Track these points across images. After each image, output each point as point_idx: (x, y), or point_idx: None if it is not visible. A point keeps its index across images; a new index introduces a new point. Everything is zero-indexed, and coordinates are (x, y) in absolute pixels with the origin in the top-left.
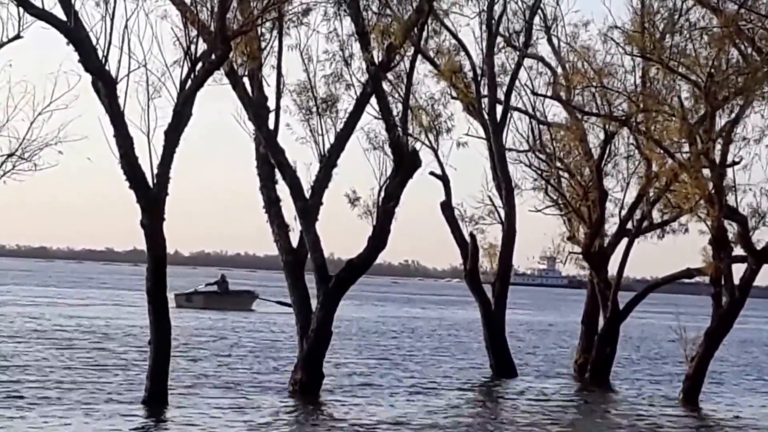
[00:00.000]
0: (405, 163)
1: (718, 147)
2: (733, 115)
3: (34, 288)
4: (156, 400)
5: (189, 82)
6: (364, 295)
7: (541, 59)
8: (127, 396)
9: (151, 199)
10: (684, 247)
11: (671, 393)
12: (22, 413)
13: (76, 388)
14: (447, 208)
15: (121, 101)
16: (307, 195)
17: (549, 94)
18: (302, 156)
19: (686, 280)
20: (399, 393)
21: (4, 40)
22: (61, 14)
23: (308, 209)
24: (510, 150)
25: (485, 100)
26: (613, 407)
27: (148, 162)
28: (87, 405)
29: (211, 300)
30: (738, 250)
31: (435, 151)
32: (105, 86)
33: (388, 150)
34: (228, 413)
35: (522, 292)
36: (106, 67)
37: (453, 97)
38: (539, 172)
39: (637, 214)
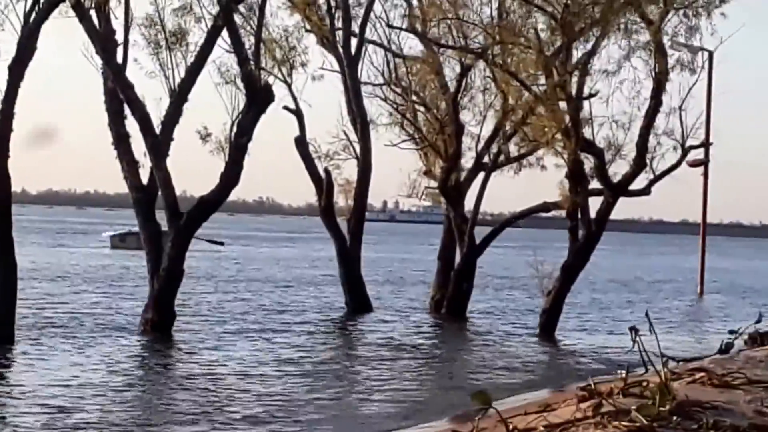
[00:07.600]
0: (258, 98)
1: (575, 79)
2: (589, 47)
3: None
4: (1, 342)
5: (33, 14)
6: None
7: None
8: None
9: None
10: (541, 181)
11: (528, 327)
12: None
13: None
14: (301, 143)
15: None
16: (158, 130)
17: (404, 26)
18: (152, 91)
19: (543, 215)
20: (251, 331)
21: None
22: None
23: (158, 145)
24: (365, 84)
25: (340, 33)
26: (469, 339)
27: None
28: None
29: None
30: (594, 184)
31: (289, 86)
32: None
33: (241, 84)
34: (74, 353)
35: (403, 229)
36: None
37: (307, 30)
38: (395, 106)
39: (494, 148)
